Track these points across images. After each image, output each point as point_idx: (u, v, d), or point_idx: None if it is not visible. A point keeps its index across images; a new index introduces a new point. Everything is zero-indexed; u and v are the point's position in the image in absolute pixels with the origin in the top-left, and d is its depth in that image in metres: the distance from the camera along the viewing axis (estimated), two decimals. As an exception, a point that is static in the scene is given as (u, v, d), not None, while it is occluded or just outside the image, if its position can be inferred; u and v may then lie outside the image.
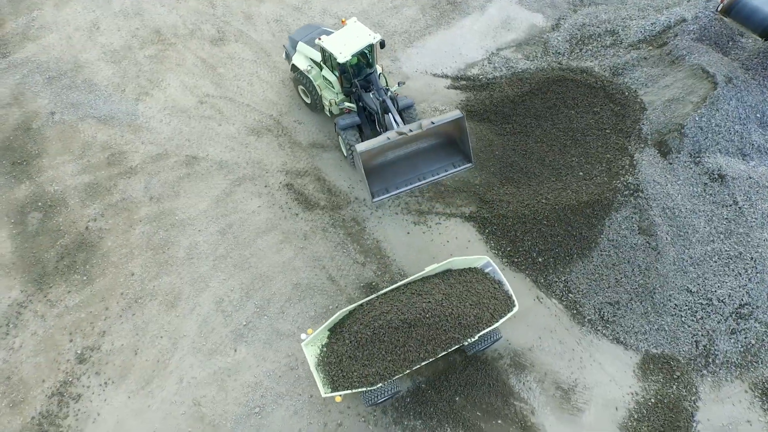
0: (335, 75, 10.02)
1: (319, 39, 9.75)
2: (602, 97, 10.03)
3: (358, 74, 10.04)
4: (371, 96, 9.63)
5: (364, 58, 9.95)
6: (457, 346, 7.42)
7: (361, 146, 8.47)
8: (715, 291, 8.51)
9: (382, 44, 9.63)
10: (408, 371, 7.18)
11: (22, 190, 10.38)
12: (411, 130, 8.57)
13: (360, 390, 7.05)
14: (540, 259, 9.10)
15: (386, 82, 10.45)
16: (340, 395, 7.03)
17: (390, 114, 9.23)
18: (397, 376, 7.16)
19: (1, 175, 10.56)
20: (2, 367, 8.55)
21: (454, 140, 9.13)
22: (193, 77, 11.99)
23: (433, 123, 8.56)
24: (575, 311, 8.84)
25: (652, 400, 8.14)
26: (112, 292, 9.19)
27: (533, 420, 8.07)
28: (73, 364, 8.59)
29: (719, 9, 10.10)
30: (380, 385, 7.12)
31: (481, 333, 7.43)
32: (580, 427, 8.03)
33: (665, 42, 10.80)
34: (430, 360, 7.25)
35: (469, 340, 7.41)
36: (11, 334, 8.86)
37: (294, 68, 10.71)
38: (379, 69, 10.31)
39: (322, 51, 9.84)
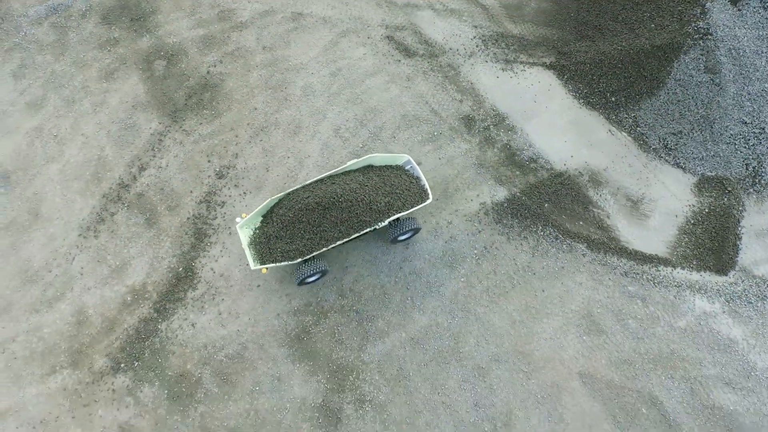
0: None
1: None
2: (674, -43, 10.99)
3: None
4: None
5: None
6: (369, 229, 8.45)
7: None
8: None
9: None
10: (325, 249, 8.32)
11: (145, 42, 11.53)
12: None
13: (282, 264, 8.24)
14: (613, 99, 10.49)
15: None
16: (266, 268, 8.26)
17: None
18: (315, 253, 8.29)
19: (124, 29, 11.70)
20: (155, 181, 10.04)
21: None
22: (285, -54, 12.86)
23: None
24: (642, 142, 10.34)
25: (706, 210, 9.76)
26: (239, 123, 10.55)
27: (608, 222, 9.72)
28: (214, 179, 10.06)
29: None
30: (300, 260, 8.31)
31: (390, 219, 8.43)
32: (646, 228, 9.70)
33: None
34: (345, 240, 8.36)
35: (380, 224, 8.42)
36: (157, 156, 10.28)
37: None
38: None
39: None
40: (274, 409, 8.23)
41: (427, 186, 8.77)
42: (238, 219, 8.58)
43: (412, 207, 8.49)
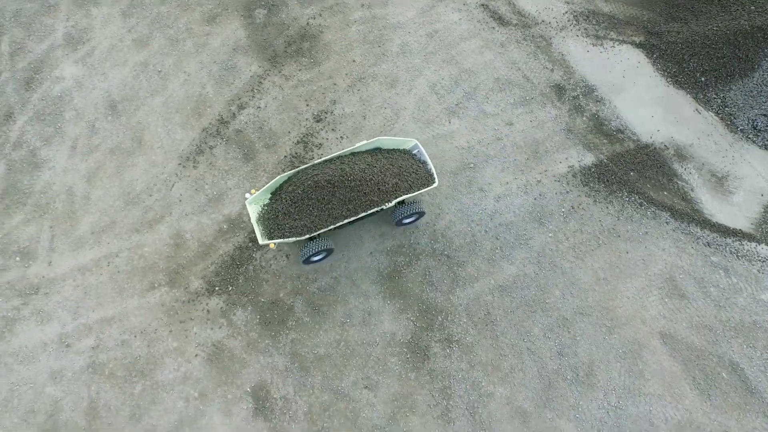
0: None
1: None
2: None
3: None
4: None
5: None
6: (376, 209, 8.54)
7: None
8: None
9: None
10: (332, 227, 8.45)
11: (245, -9, 12.02)
12: None
13: (290, 240, 8.39)
14: (702, 79, 10.73)
15: None
16: (275, 243, 8.43)
17: None
18: (322, 230, 8.42)
19: (225, -22, 12.20)
20: (254, 120, 10.43)
21: None
22: None
23: None
24: (729, 122, 10.55)
25: (792, 192, 9.98)
26: (337, 72, 10.93)
27: (692, 195, 9.94)
28: (311, 122, 10.43)
29: None
30: (307, 236, 8.40)
31: (397, 199, 8.54)
32: (730, 204, 9.91)
33: None
34: (352, 219, 8.47)
35: (387, 204, 8.50)
36: (256, 97, 10.68)
37: None
38: None
39: None
40: (364, 342, 8.53)
41: (433, 170, 8.89)
42: (247, 195, 8.78)
43: (418, 189, 8.65)
